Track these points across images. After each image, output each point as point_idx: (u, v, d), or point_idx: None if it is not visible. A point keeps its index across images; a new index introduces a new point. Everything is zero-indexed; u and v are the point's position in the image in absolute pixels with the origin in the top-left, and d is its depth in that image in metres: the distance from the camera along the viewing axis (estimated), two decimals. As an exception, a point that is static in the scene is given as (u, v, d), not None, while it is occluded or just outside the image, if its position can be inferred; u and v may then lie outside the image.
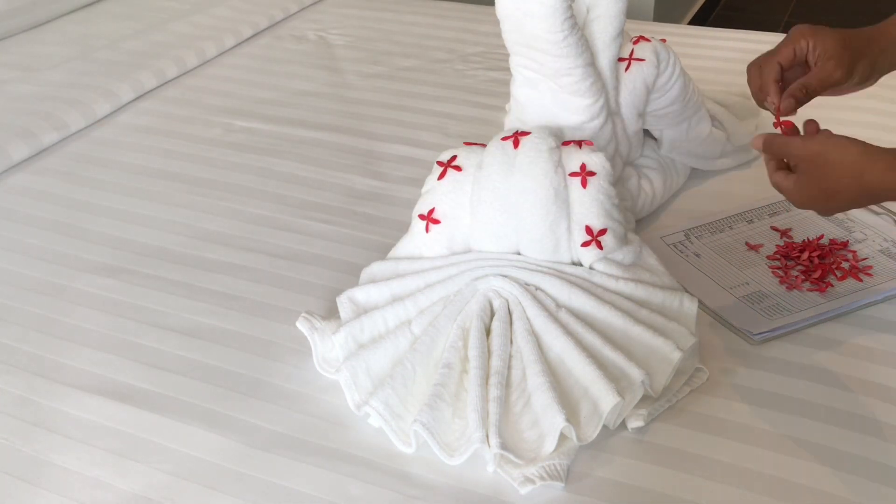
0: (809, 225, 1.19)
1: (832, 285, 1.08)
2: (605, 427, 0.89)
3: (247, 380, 0.99)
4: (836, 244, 1.15)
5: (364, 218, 1.26)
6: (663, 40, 1.19)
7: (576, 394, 0.90)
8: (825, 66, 1.01)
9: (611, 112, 1.14)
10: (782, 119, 1.00)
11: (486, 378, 0.91)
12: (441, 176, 1.04)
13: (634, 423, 0.90)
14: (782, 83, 1.02)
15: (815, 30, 1.03)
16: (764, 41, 1.78)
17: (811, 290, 1.08)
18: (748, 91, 1.34)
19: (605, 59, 1.12)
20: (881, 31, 1.04)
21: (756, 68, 1.05)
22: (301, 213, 1.27)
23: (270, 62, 1.77)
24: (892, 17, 1.05)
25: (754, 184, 1.30)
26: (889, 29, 1.04)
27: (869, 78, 1.04)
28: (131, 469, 0.88)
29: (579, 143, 1.04)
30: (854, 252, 1.14)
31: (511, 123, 1.16)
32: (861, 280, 1.09)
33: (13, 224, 1.27)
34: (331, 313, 1.05)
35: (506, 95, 1.21)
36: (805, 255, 1.12)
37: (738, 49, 1.75)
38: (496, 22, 1.10)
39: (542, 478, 0.83)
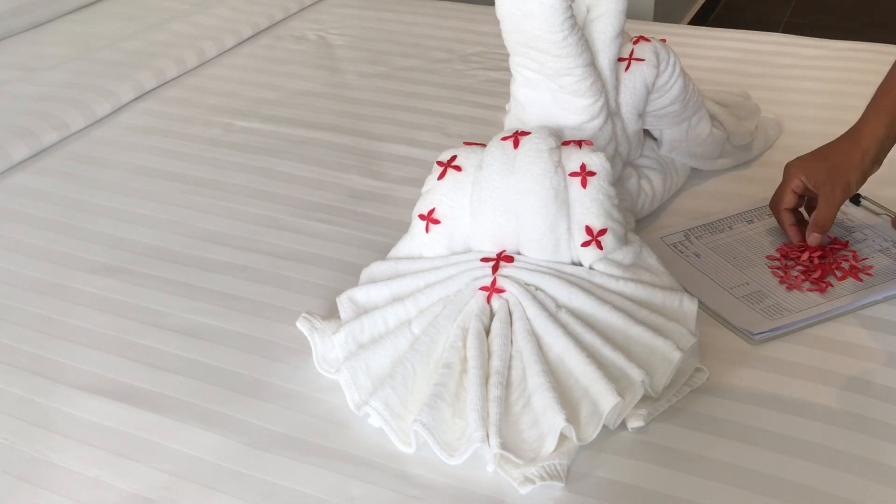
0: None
1: (832, 285, 1.08)
2: (605, 427, 0.89)
3: (247, 380, 0.99)
4: (836, 244, 1.15)
5: (364, 218, 1.26)
6: (663, 40, 1.19)
7: (576, 394, 0.90)
8: (824, 195, 1.11)
9: (611, 112, 1.14)
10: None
11: (485, 378, 0.91)
12: (441, 176, 1.04)
13: (634, 423, 0.90)
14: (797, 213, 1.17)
15: (803, 164, 1.13)
16: (764, 41, 1.78)
17: (811, 290, 1.08)
18: (748, 91, 1.34)
19: (605, 59, 1.12)
20: (858, 135, 1.11)
21: (776, 213, 1.17)
22: (301, 213, 1.27)
23: (270, 62, 1.77)
24: (863, 115, 1.12)
25: (754, 184, 1.30)
26: (863, 130, 1.11)
27: (863, 177, 1.12)
28: (131, 469, 0.88)
29: (579, 143, 1.04)
30: (854, 252, 1.14)
31: (511, 123, 1.16)
32: (861, 280, 1.09)
33: (13, 224, 1.27)
34: (331, 313, 1.05)
35: (506, 95, 1.21)
36: (805, 255, 1.12)
37: (738, 49, 1.75)
38: (496, 22, 1.09)
39: (542, 478, 0.83)
